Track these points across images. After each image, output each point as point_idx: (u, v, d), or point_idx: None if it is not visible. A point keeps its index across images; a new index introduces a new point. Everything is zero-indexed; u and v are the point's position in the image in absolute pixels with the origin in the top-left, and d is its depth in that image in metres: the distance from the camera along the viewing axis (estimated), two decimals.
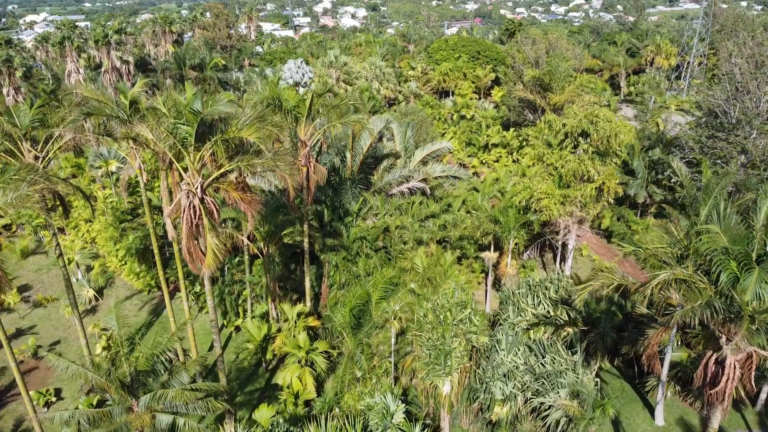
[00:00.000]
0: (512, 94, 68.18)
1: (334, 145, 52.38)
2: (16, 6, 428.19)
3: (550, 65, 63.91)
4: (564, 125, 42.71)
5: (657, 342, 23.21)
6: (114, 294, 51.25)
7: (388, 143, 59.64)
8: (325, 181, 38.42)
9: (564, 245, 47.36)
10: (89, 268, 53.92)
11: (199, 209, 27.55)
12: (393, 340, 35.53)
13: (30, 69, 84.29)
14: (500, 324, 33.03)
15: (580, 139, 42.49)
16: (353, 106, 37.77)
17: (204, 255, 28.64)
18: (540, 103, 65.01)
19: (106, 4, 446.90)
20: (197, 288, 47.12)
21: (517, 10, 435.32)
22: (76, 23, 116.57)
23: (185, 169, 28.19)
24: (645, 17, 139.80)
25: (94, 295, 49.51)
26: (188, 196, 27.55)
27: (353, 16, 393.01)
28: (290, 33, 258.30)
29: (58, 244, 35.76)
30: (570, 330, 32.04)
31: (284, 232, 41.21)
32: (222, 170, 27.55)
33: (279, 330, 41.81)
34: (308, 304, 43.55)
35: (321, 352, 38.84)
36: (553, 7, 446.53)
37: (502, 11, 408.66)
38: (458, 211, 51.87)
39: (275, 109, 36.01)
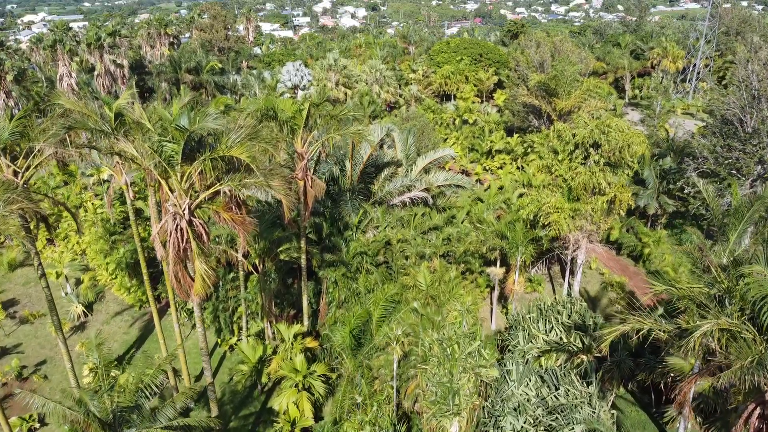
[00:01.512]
0: (516, 99, 66.14)
1: (333, 154, 50.39)
2: (15, 5, 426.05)
3: (556, 70, 61.87)
4: (574, 135, 40.68)
5: (689, 389, 21.14)
6: (104, 309, 49.26)
7: (388, 151, 57.65)
8: (323, 194, 36.41)
9: (572, 260, 45.35)
10: (78, 282, 51.95)
11: (187, 232, 25.59)
12: (395, 365, 33.51)
13: (23, 72, 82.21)
14: (510, 351, 31.05)
15: (591, 149, 40.46)
16: (353, 116, 35.69)
17: (192, 280, 26.70)
18: (545, 108, 63.00)
19: (105, 4, 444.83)
20: (189, 305, 45.08)
21: (518, 10, 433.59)
22: (71, 24, 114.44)
23: (173, 189, 26.21)
24: (648, 18, 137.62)
25: (83, 311, 47.51)
26: (175, 219, 25.59)
27: (353, 16, 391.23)
28: (290, 33, 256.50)
29: (40, 264, 33.79)
30: (583, 357, 30.08)
31: (281, 248, 39.18)
32: (211, 190, 25.57)
33: (275, 351, 39.86)
34: (305, 322, 41.56)
35: (319, 376, 36.84)
36: (553, 7, 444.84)
37: (502, 11, 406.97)
38: (462, 223, 49.93)
39: (270, 120, 34.03)
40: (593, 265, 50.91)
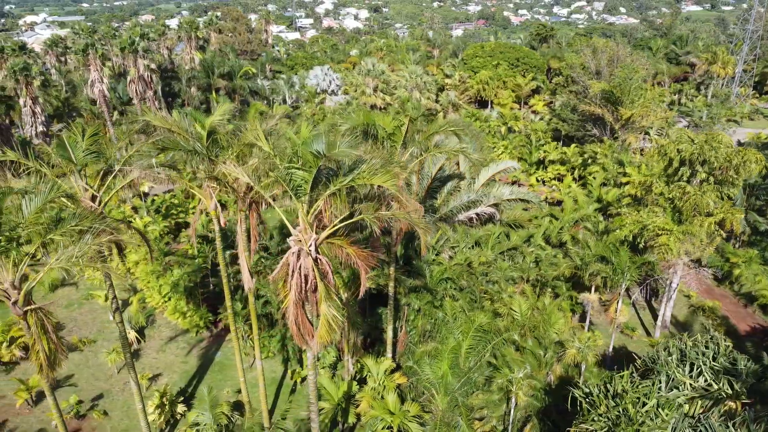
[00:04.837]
0: (577, 108, 63.02)
1: None
2: (13, 6, 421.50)
3: (620, 77, 58.83)
4: (679, 151, 37.56)
5: None
6: (156, 335, 45.81)
7: (448, 163, 54.52)
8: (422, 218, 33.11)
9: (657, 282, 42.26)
10: (125, 304, 48.49)
11: (313, 271, 22.33)
12: (512, 413, 30.26)
13: (46, 78, 78.67)
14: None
15: (699, 167, 37.34)
16: (452, 131, 32.50)
17: (311, 324, 23.45)
18: (608, 117, 59.92)
19: (104, 5, 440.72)
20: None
21: (520, 11, 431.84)
22: (72, 25, 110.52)
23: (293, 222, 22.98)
24: (678, 22, 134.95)
25: (136, 337, 44.06)
26: (299, 257, 22.31)
27: (356, 18, 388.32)
28: (296, 35, 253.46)
29: (115, 297, 30.53)
30: (731, 405, 26.95)
31: (368, 275, 35.80)
32: (344, 224, 22.33)
33: (359, 385, 36.61)
34: (388, 355, 38.35)
35: (413, 416, 33.55)
36: (555, 9, 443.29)
37: (505, 13, 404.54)
38: (538, 242, 46.81)
39: (369, 137, 30.80)
40: (679, 287, 47.79)
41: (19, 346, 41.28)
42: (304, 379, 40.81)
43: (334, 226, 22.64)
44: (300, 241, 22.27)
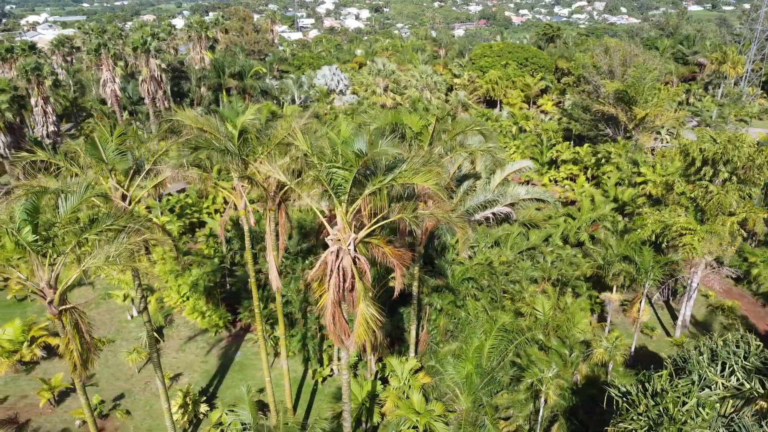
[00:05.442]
0: (590, 107, 63.00)
1: None
2: (14, 6, 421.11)
3: (633, 77, 58.84)
4: (702, 150, 37.56)
5: None
6: (175, 334, 45.80)
7: (464, 162, 54.50)
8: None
9: (685, 285, 42.25)
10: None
11: (352, 270, 22.31)
12: (541, 412, 30.24)
13: (56, 77, 78.56)
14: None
15: (722, 166, 37.35)
16: (479, 130, 32.47)
17: (347, 323, 23.45)
18: (622, 117, 59.91)
19: (105, 5, 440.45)
20: (276, 332, 41.69)
21: (521, 11, 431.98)
22: (77, 25, 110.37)
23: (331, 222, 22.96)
24: (685, 22, 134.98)
25: (156, 337, 43.91)
26: (338, 255, 22.30)
27: (357, 18, 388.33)
28: (299, 35, 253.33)
29: (143, 297, 30.53)
30: (763, 404, 26.95)
31: (392, 275, 35.83)
32: (384, 222, 22.32)
33: (383, 384, 36.62)
34: (411, 354, 38.33)
35: (438, 416, 33.51)
36: (556, 9, 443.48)
37: (506, 13, 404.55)
38: (556, 242, 46.82)
39: (396, 136, 30.74)
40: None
41: (40, 346, 41.23)
42: (324, 379, 40.83)
43: (372, 225, 22.63)
44: (339, 240, 22.24)
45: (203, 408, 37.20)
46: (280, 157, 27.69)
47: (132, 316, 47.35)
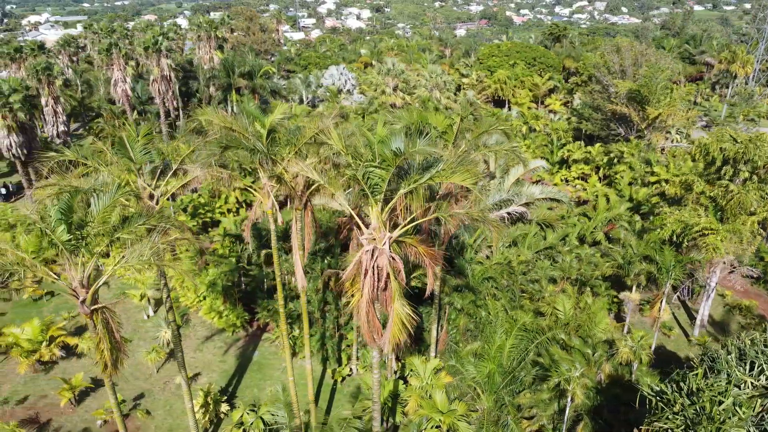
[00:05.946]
0: (602, 107, 63.00)
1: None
2: (14, 6, 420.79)
3: (646, 77, 58.83)
4: (722, 150, 37.57)
5: None
6: (192, 334, 45.76)
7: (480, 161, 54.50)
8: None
9: (703, 285, 42.26)
10: (158, 303, 48.42)
11: (386, 270, 22.30)
12: (567, 412, 30.23)
13: (66, 77, 78.56)
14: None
15: (743, 166, 37.36)
16: (503, 131, 32.45)
17: (379, 323, 23.43)
18: (635, 117, 59.92)
19: (105, 5, 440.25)
20: (295, 332, 41.71)
21: (522, 11, 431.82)
22: (77, 24, 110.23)
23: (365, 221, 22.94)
24: (691, 21, 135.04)
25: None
26: (373, 255, 22.28)
27: (358, 18, 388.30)
28: (301, 35, 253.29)
29: (169, 297, 30.49)
30: None
31: (414, 274, 35.89)
32: (420, 221, 22.31)
33: (404, 383, 36.61)
34: (431, 354, 38.32)
35: (461, 415, 33.49)
36: (557, 9, 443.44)
37: (507, 13, 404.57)
38: (573, 241, 46.82)
39: (420, 135, 30.72)
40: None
41: (58, 345, 41.20)
42: (343, 379, 40.82)
43: (407, 224, 22.63)
44: (374, 239, 22.21)
45: (224, 407, 37.19)
46: (310, 156, 27.73)
47: (148, 316, 47.31)
